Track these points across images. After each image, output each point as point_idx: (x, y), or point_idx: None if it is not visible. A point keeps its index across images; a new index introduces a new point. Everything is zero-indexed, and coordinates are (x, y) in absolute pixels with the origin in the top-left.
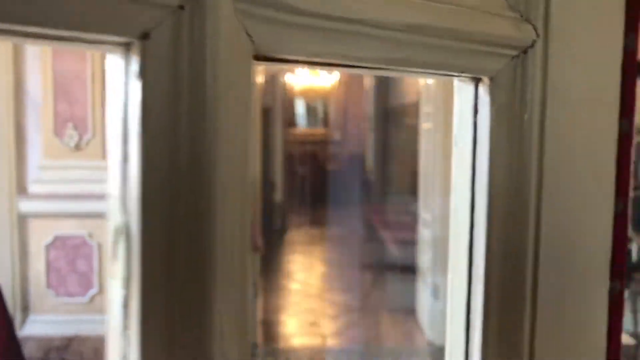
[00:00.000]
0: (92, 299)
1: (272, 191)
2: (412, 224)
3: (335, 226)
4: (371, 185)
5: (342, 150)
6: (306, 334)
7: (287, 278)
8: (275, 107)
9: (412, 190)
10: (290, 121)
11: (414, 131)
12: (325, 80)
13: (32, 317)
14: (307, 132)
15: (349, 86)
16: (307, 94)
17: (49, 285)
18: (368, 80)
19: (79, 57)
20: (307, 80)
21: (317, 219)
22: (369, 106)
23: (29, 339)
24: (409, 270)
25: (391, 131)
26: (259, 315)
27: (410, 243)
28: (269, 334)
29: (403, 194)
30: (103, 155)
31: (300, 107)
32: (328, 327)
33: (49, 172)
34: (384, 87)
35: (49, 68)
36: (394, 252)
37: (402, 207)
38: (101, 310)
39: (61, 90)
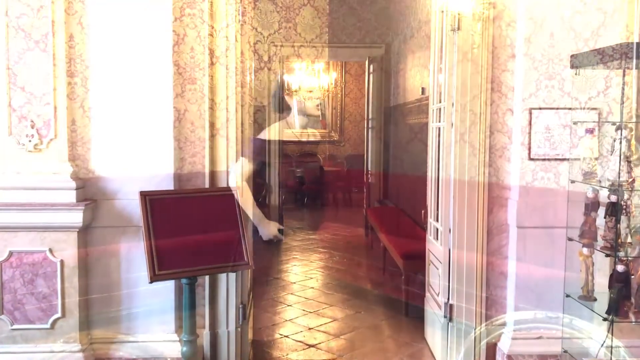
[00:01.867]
0: (54, 325)
1: (268, 194)
2: (420, 232)
3: (335, 231)
4: (372, 188)
5: (341, 151)
6: (303, 357)
7: (282, 290)
8: (272, 107)
9: (420, 194)
10: (288, 122)
11: (418, 130)
12: (323, 80)
13: None
14: (305, 133)
15: (348, 86)
16: (305, 94)
17: (2, 309)
18: (367, 79)
19: (38, 41)
20: (305, 80)
21: (315, 224)
22: (369, 106)
23: None
24: (417, 285)
25: (393, 131)
26: (250, 335)
27: (418, 255)
28: (261, 357)
29: (409, 198)
30: (66, 158)
31: (298, 108)
32: (328, 347)
33: (2, 178)
34: (385, 85)
35: (2, 54)
36: (398, 262)
37: (408, 212)
38: (65, 338)
39: (17, 81)
